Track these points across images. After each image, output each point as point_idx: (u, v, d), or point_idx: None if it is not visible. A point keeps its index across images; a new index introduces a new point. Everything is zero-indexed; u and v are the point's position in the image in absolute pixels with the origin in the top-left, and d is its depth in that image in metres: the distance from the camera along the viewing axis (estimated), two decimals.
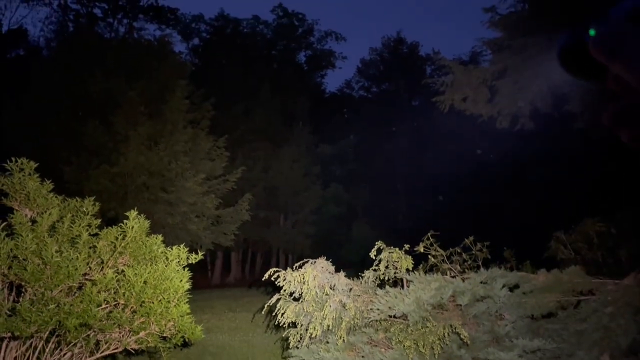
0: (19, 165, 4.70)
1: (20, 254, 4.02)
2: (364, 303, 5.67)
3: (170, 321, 4.89)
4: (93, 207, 5.16)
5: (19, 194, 4.58)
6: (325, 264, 6.26)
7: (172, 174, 16.77)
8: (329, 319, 5.28)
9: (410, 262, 5.95)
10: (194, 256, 5.59)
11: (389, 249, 6.08)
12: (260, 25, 38.40)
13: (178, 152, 16.85)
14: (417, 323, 4.89)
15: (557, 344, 4.58)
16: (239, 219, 19.94)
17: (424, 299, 4.96)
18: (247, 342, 9.94)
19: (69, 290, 4.61)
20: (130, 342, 4.86)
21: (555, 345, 4.55)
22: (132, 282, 4.67)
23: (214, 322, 11.92)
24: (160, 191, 16.71)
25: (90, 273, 4.72)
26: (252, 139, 25.79)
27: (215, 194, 18.65)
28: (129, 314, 4.72)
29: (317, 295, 5.65)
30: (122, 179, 16.05)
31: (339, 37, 42.15)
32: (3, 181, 4.56)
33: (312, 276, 5.68)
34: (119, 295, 4.63)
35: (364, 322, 5.50)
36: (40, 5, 35.00)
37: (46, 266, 4.12)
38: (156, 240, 5.38)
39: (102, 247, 4.83)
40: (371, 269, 6.28)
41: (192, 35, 37.22)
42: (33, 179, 4.63)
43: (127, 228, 5.03)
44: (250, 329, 11.04)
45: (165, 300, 4.87)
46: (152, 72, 17.72)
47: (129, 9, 33.53)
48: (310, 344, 5.37)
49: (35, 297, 4.12)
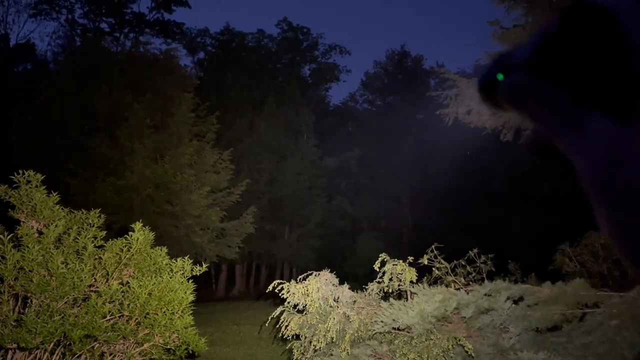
0: (25, 177, 4.75)
1: (26, 265, 4.05)
2: (367, 315, 5.66)
3: (174, 333, 4.90)
4: (99, 219, 5.20)
5: (26, 206, 4.63)
6: (329, 276, 6.27)
7: (177, 187, 16.83)
8: (333, 332, 5.27)
9: (414, 274, 5.95)
10: (198, 268, 5.61)
11: (392, 261, 6.09)
12: (265, 39, 38.74)
13: (183, 165, 16.93)
14: (421, 335, 4.88)
15: (562, 357, 4.55)
16: (243, 232, 19.96)
17: (427, 311, 4.96)
18: (252, 355, 9.91)
19: (74, 302, 4.63)
20: (135, 354, 4.87)
21: (560, 358, 4.52)
22: (137, 294, 4.69)
23: (218, 335, 11.90)
24: (165, 204, 16.77)
25: (95, 284, 4.74)
26: (257, 152, 25.89)
27: (220, 207, 18.70)
28: (134, 326, 4.73)
29: (320, 307, 5.65)
30: (128, 192, 16.12)
31: (344, 51, 42.45)
32: (10, 193, 4.62)
33: (316, 288, 5.69)
34: (124, 307, 4.65)
35: (368, 335, 5.49)
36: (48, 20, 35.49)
37: (52, 277, 4.15)
38: (161, 252, 5.41)
39: (108, 258, 4.86)
40: (375, 281, 6.28)
41: (197, 49, 37.58)
42: (40, 191, 4.68)
43: (132, 240, 5.06)
44: (255, 342, 11.01)
45: (170, 312, 4.88)
46: (158, 86, 17.87)
47: (135, 24, 33.92)
48: (314, 356, 5.36)
49: (40, 308, 4.15)
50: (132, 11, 33.93)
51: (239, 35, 37.22)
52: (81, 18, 34.34)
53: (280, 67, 37.35)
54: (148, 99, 17.04)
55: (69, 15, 34.44)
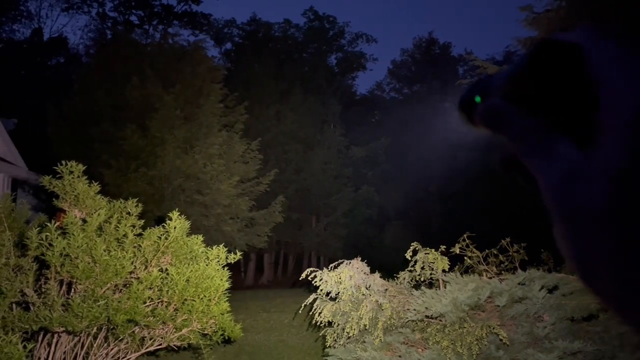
0: (68, 168, 4.92)
1: (72, 252, 4.22)
2: (399, 303, 5.70)
3: (211, 319, 5.03)
4: (136, 208, 5.36)
5: (69, 195, 4.80)
6: (360, 264, 6.33)
7: (207, 177, 17.09)
8: (366, 319, 5.33)
9: (446, 263, 5.96)
10: (232, 256, 5.74)
11: (424, 250, 6.10)
12: (292, 29, 38.69)
13: (213, 155, 17.15)
14: (455, 324, 4.90)
15: (598, 347, 4.52)
16: (271, 221, 20.17)
17: (461, 300, 4.97)
18: (283, 342, 10.07)
19: (116, 288, 4.81)
20: (173, 338, 5.03)
21: (596, 347, 4.49)
22: (175, 281, 4.83)
23: (249, 322, 12.09)
24: (195, 193, 17.05)
25: (135, 271, 4.90)
26: (284, 142, 26.01)
27: (249, 196, 18.92)
28: (172, 311, 4.88)
29: (353, 295, 5.71)
30: (159, 182, 16.45)
31: (370, 39, 42.10)
32: (54, 183, 4.79)
33: (348, 276, 5.75)
34: (163, 293, 4.79)
35: (400, 323, 5.53)
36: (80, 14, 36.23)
37: (96, 264, 4.32)
38: (197, 240, 5.55)
39: (146, 246, 5.02)
40: (407, 269, 6.31)
41: (224, 40, 37.81)
42: (82, 181, 4.85)
43: (169, 228, 5.20)
44: (285, 329, 11.17)
45: (207, 299, 5.02)
46: (187, 77, 18.10)
47: (164, 16, 34.32)
48: (347, 343, 5.43)
49: (85, 293, 4.32)
50: (160, 3, 34.32)
51: (265, 25, 37.29)
52: (111, 11, 34.95)
53: (306, 57, 37.30)
54: (177, 91, 17.29)
55: (99, 8, 35.07)
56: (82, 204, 4.76)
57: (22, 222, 5.26)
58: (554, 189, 0.32)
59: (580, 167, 0.31)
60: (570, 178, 0.31)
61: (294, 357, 8.85)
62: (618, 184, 0.28)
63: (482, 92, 0.40)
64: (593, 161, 0.30)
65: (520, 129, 0.35)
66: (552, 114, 0.34)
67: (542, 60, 0.34)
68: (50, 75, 29.69)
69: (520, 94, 0.36)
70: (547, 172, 0.33)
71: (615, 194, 0.28)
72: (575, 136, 0.33)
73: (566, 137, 0.33)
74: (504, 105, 0.36)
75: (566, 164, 0.32)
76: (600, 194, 0.29)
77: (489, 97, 0.39)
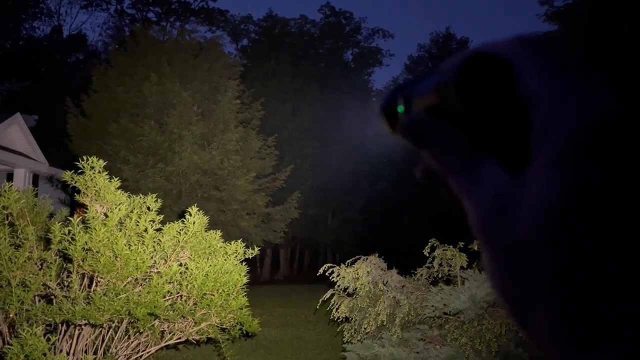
0: (89, 164, 4.99)
1: (93, 247, 4.28)
2: (417, 300, 5.69)
3: (230, 313, 5.08)
4: (155, 203, 5.41)
5: (90, 190, 4.87)
6: (377, 260, 6.33)
7: (224, 173, 17.18)
8: (383, 315, 5.33)
9: (464, 259, 5.93)
10: (250, 251, 5.77)
11: (443, 246, 6.07)
12: (308, 25, 38.68)
13: (230, 151, 17.24)
14: (473, 320, 4.88)
15: None
16: (288, 217, 20.22)
17: (479, 297, 4.94)
18: (299, 337, 10.11)
19: (136, 282, 4.87)
20: (193, 332, 5.08)
21: None
22: (194, 275, 4.88)
23: (266, 317, 12.16)
24: (212, 189, 17.17)
25: (155, 266, 4.96)
26: (300, 138, 26.04)
27: (265, 192, 18.98)
28: (192, 306, 4.93)
29: (370, 291, 5.71)
30: (177, 178, 16.59)
31: (387, 35, 41.93)
32: (76, 178, 4.86)
33: (366, 272, 5.75)
34: (182, 287, 4.85)
35: (418, 319, 5.52)
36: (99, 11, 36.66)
37: (117, 258, 4.38)
38: (215, 235, 5.59)
39: (166, 241, 5.07)
40: (424, 266, 6.29)
41: (241, 36, 37.94)
42: (103, 176, 4.91)
43: (188, 223, 5.25)
44: (302, 324, 11.22)
45: (225, 293, 5.06)
46: (204, 74, 18.20)
47: (181, 12, 34.55)
48: (365, 338, 5.44)
49: (107, 287, 4.38)
50: (178, 0, 34.56)
51: (281, 22, 37.31)
52: (129, 8, 35.27)
53: (323, 53, 37.27)
54: (195, 87, 17.40)
55: (118, 5, 35.44)
56: (103, 199, 4.83)
57: (45, 217, 5.35)
58: (483, 218, 0.29)
59: (512, 193, 0.28)
60: (501, 206, 0.28)
61: (310, 353, 8.88)
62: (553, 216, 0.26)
63: (405, 102, 0.37)
64: (525, 188, 0.28)
65: (443, 146, 0.33)
66: (480, 133, 0.31)
67: (471, 75, 0.31)
68: (70, 72, 30.08)
69: (446, 109, 0.33)
70: (473, 195, 0.30)
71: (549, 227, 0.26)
72: (505, 159, 0.30)
73: (494, 158, 0.31)
74: (428, 121, 0.34)
75: (495, 189, 0.29)
76: (535, 226, 0.26)
77: (411, 108, 0.36)
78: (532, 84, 0.30)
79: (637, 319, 0.23)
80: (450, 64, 0.33)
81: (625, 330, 0.23)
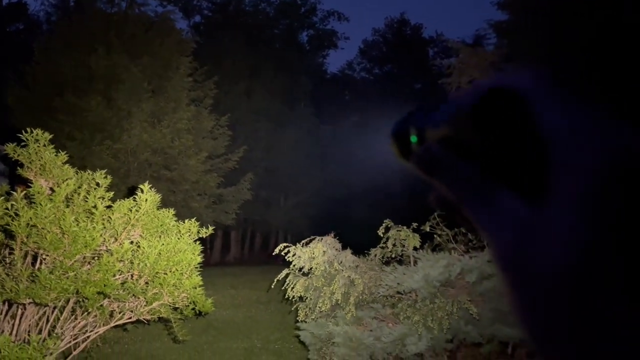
0: (34, 136, 4.72)
1: (39, 223, 4.07)
2: (371, 279, 5.77)
3: (183, 292, 4.97)
4: (105, 180, 5.20)
5: (35, 164, 4.62)
6: (332, 240, 6.36)
7: (174, 152, 16.79)
8: (338, 294, 5.38)
9: (417, 240, 6.05)
10: (204, 230, 5.67)
11: (396, 227, 6.16)
12: (263, 4, 37.95)
13: (181, 130, 16.84)
14: (426, 299, 4.99)
15: None
16: (240, 198, 20.05)
17: (432, 276, 5.06)
18: (251, 317, 10.09)
19: (84, 260, 4.68)
20: (144, 312, 4.95)
21: None
22: (147, 254, 4.74)
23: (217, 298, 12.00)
24: (162, 169, 16.76)
25: (105, 244, 4.78)
26: (254, 119, 25.71)
27: (217, 173, 18.71)
28: (143, 285, 4.80)
29: (325, 270, 5.74)
30: (125, 156, 16.07)
31: (342, 17, 41.71)
32: (19, 151, 4.60)
33: (322, 252, 5.77)
34: (134, 266, 4.70)
35: (372, 298, 5.61)
36: None
37: (64, 235, 4.18)
38: (168, 213, 5.44)
39: (117, 218, 4.89)
40: (378, 246, 6.37)
41: (193, 13, 36.81)
42: (49, 149, 4.67)
43: (140, 201, 5.08)
44: (253, 305, 11.20)
45: (179, 272, 4.94)
46: (155, 49, 17.60)
47: None
48: (319, 317, 5.47)
49: (54, 265, 4.19)
50: None
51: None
52: None
53: (277, 33, 36.76)
54: (145, 62, 16.80)
55: None
56: (49, 173, 4.59)
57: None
58: (504, 251, 0.29)
59: (532, 226, 0.28)
60: (523, 240, 0.28)
61: (262, 332, 8.88)
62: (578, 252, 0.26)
63: (418, 132, 0.38)
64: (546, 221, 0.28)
65: (458, 177, 0.33)
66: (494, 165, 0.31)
67: (486, 110, 0.31)
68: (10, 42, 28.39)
69: (460, 142, 0.33)
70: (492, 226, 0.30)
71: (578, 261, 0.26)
72: (523, 192, 0.30)
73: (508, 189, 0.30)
74: (441, 153, 0.34)
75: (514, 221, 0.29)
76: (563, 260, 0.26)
77: (424, 138, 0.37)
78: (550, 118, 0.29)
79: None
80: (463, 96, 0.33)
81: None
